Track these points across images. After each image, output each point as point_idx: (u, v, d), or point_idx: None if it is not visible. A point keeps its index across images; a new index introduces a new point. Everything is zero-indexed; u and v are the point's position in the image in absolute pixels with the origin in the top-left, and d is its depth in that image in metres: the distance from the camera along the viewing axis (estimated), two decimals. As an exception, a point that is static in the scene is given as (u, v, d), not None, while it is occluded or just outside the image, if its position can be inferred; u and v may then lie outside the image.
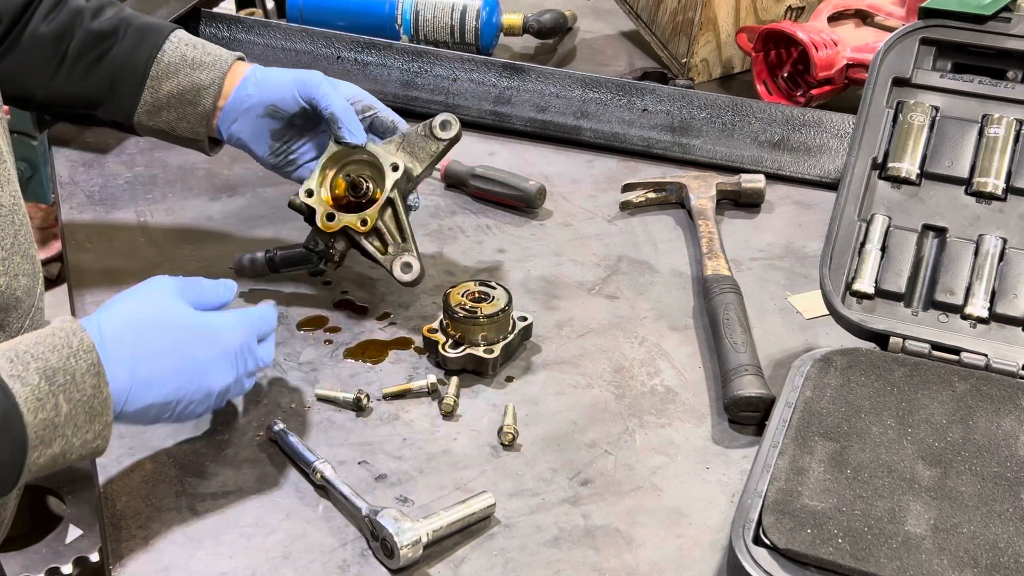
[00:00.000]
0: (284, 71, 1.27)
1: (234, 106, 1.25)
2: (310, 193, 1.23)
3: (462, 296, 1.20)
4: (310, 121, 1.27)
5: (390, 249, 1.22)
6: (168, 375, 0.96)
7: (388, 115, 1.27)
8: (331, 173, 1.24)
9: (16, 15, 1.23)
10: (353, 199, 1.23)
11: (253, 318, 1.04)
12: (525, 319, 1.22)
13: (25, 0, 1.24)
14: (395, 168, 1.22)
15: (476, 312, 1.17)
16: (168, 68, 1.24)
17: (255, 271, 1.29)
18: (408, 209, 1.26)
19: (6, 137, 1.07)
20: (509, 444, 1.09)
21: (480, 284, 1.22)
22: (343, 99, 1.24)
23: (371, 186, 1.23)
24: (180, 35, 1.27)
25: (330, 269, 1.27)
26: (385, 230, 1.22)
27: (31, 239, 1.07)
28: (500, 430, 1.10)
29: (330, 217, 1.22)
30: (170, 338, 0.97)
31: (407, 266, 1.21)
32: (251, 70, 1.26)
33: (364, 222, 1.21)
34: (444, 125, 1.24)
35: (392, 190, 1.21)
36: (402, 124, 1.27)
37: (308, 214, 1.24)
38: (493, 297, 1.20)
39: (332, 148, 1.24)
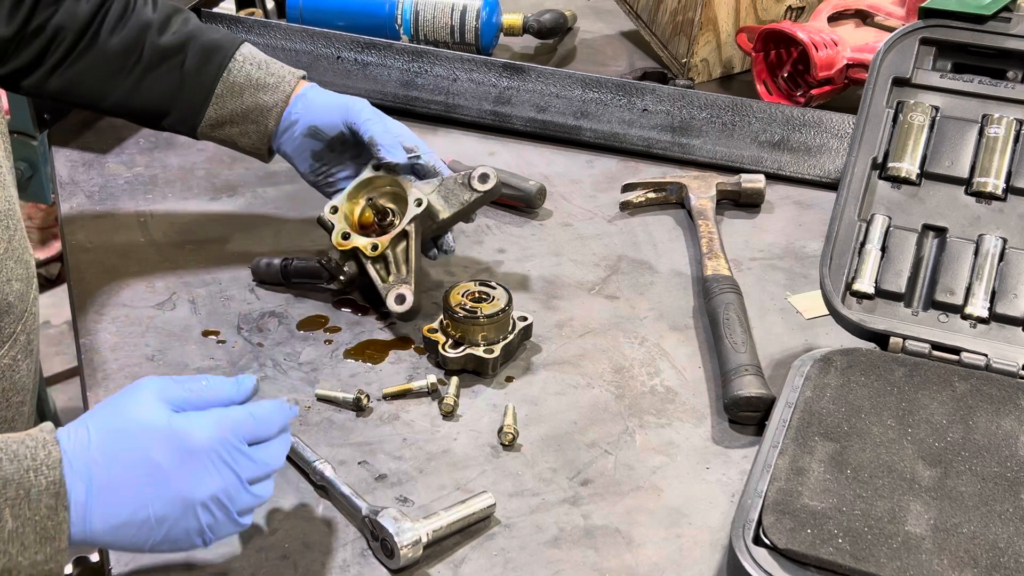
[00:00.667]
0: (336, 96, 1.29)
1: (282, 124, 1.28)
2: (335, 210, 1.25)
3: (462, 296, 1.20)
4: (350, 146, 1.29)
5: (391, 278, 1.22)
6: (130, 483, 0.82)
7: (431, 160, 1.27)
8: (362, 198, 1.27)
9: (82, 28, 1.24)
10: (378, 226, 1.25)
11: (238, 416, 0.87)
12: (525, 319, 1.22)
13: (90, 13, 1.25)
14: (419, 203, 1.23)
15: (476, 312, 1.17)
16: (233, 87, 1.27)
17: (270, 276, 1.30)
18: (443, 251, 1.29)
19: (4, 140, 1.07)
20: (509, 444, 1.09)
21: (480, 284, 1.22)
22: (385, 128, 1.26)
23: (394, 217, 1.24)
24: (246, 52, 1.29)
25: (336, 287, 1.27)
26: (392, 260, 1.23)
27: (26, 243, 1.07)
28: (500, 430, 1.10)
29: (345, 236, 1.24)
30: (128, 442, 0.83)
31: (401, 298, 1.21)
32: (304, 89, 1.29)
33: (375, 247, 1.22)
34: (483, 178, 1.25)
35: (410, 223, 1.22)
36: (444, 170, 1.28)
37: (330, 231, 1.26)
38: (493, 297, 1.20)
39: (367, 172, 1.26)
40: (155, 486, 0.82)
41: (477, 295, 1.20)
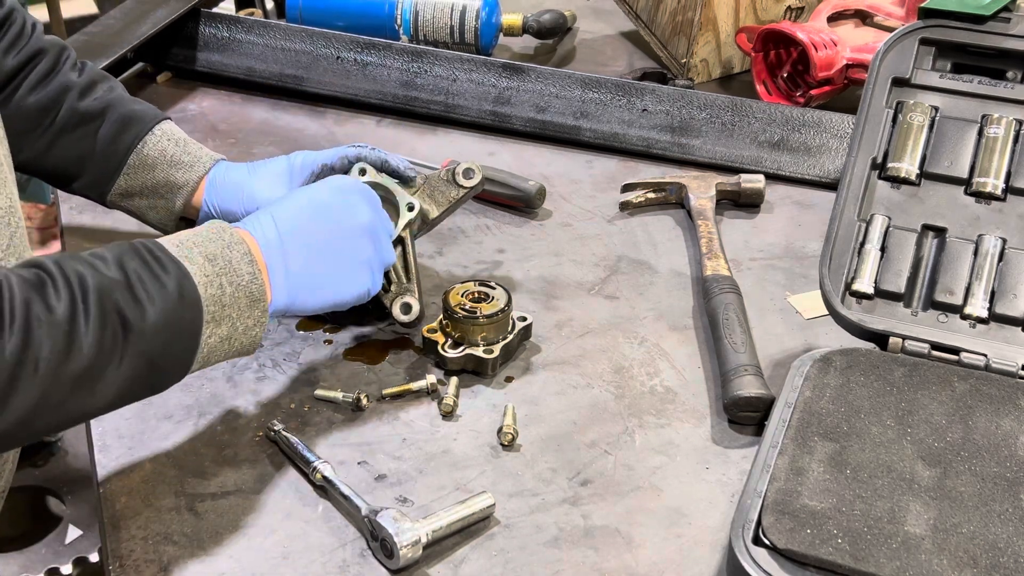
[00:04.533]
0: (249, 173, 1.26)
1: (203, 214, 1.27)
2: None
3: (462, 296, 1.20)
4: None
5: (392, 288, 1.21)
6: (321, 300, 1.07)
7: (396, 161, 1.25)
8: None
9: (2, 82, 1.24)
10: None
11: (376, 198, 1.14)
12: (525, 319, 1.22)
13: (14, 69, 1.24)
14: (411, 208, 1.22)
15: (476, 312, 1.17)
16: (147, 160, 1.26)
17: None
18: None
19: (4, 140, 1.07)
20: (509, 444, 1.09)
21: (480, 284, 1.22)
22: (345, 151, 1.25)
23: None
24: (165, 128, 1.28)
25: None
26: (391, 268, 1.21)
27: (26, 243, 1.07)
28: (500, 430, 1.10)
29: None
30: (324, 267, 1.07)
31: (407, 307, 1.19)
32: (209, 183, 1.26)
33: None
34: (467, 173, 1.25)
35: (404, 229, 1.21)
36: (408, 169, 1.26)
37: None
38: (493, 297, 1.20)
39: (355, 176, 1.23)
40: (332, 252, 1.07)
41: (477, 295, 1.20)
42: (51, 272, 0.87)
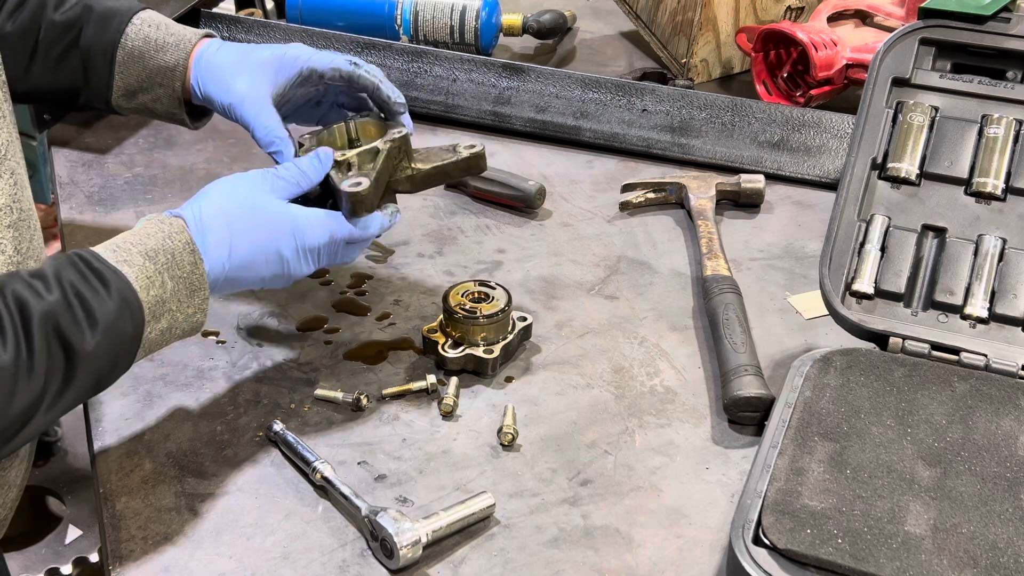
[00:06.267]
0: (240, 55, 1.22)
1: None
2: (302, 146, 1.19)
3: (462, 296, 1.20)
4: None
5: (350, 174, 1.14)
6: (259, 264, 1.05)
7: (387, 89, 1.21)
8: (333, 139, 1.20)
9: None
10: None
11: (344, 225, 1.09)
12: (525, 319, 1.22)
13: None
14: (400, 131, 1.16)
15: (476, 312, 1.17)
16: (133, 53, 1.23)
17: None
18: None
19: (18, 144, 1.08)
20: (509, 444, 1.09)
21: (480, 284, 1.22)
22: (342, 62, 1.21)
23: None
24: (144, 16, 1.25)
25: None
26: (362, 168, 1.14)
27: (42, 246, 1.08)
28: (500, 430, 1.10)
29: (301, 144, 1.18)
30: (262, 232, 1.04)
31: (356, 183, 1.11)
32: (202, 50, 1.23)
33: (342, 155, 1.13)
34: (469, 146, 1.20)
35: (387, 143, 1.15)
36: (398, 101, 1.21)
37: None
38: (493, 297, 1.20)
39: (351, 117, 1.21)
40: (278, 268, 1.06)
41: (477, 295, 1.20)
42: None
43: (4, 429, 0.87)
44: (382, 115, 1.22)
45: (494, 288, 1.21)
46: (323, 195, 1.14)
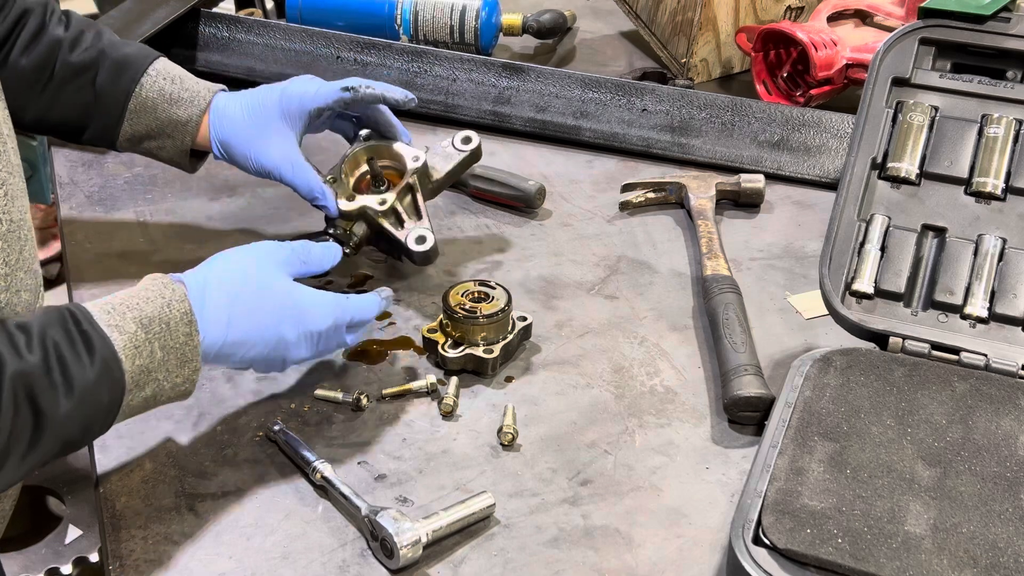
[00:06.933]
0: (258, 93, 1.29)
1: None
2: (334, 180, 1.28)
3: (462, 296, 1.20)
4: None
5: (406, 225, 1.26)
6: (257, 343, 1.03)
7: (392, 92, 1.29)
8: (357, 166, 1.30)
9: None
10: (371, 192, 1.28)
11: (350, 306, 1.09)
12: (525, 319, 1.22)
13: (3, 33, 1.25)
14: (416, 159, 1.28)
15: (476, 312, 1.17)
16: (146, 103, 1.27)
17: None
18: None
19: (15, 151, 1.07)
20: (509, 444, 1.09)
21: (480, 284, 1.22)
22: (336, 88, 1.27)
23: (390, 182, 1.29)
24: (159, 67, 1.28)
25: (349, 252, 1.28)
26: (403, 212, 1.27)
27: (35, 255, 1.07)
28: (500, 430, 1.10)
29: (349, 198, 1.26)
30: (264, 312, 1.03)
31: (421, 239, 1.25)
32: (214, 108, 1.28)
33: (383, 202, 1.26)
34: (465, 140, 1.33)
35: (412, 176, 1.27)
36: (407, 98, 1.29)
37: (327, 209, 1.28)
38: (493, 297, 1.20)
39: (357, 146, 1.30)
40: (275, 350, 1.04)
41: (477, 295, 1.20)
42: None
43: None
44: (380, 133, 1.32)
45: (494, 288, 1.21)
46: (375, 240, 1.30)
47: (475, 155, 1.34)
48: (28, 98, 1.26)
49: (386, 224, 1.26)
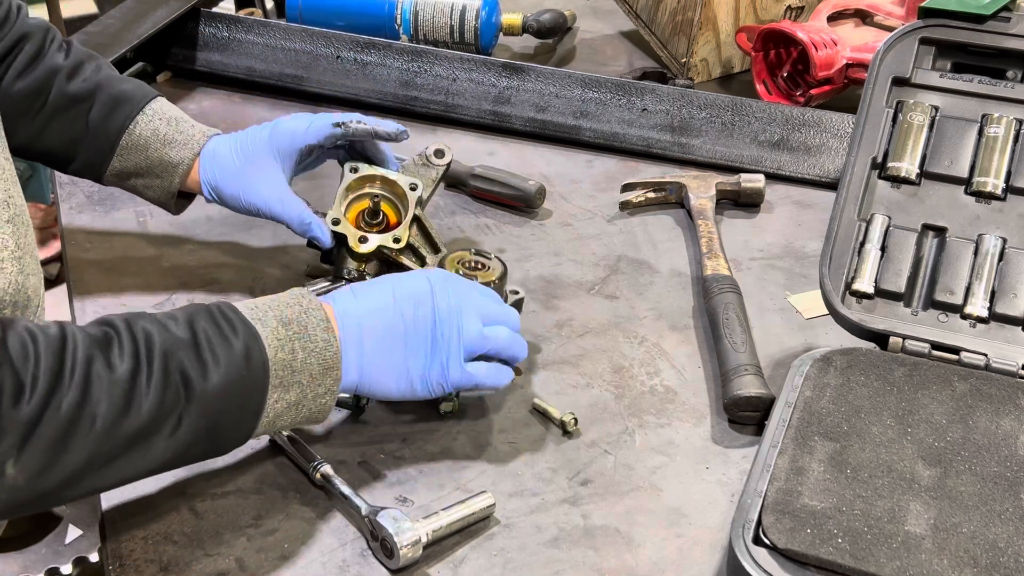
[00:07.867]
0: (250, 135, 1.27)
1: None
2: (336, 222, 1.23)
3: (458, 264, 1.20)
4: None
5: (428, 260, 1.23)
6: (390, 384, 1.01)
7: (384, 126, 1.26)
8: (356, 202, 1.25)
9: None
10: (368, 226, 1.24)
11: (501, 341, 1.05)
12: (517, 292, 1.21)
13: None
14: (414, 188, 1.24)
15: (471, 280, 1.16)
16: (138, 141, 1.25)
17: None
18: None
19: (3, 144, 1.07)
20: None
21: (476, 253, 1.21)
22: (322, 122, 1.25)
23: (386, 213, 1.25)
24: (156, 107, 1.27)
25: None
26: (418, 245, 1.24)
27: (35, 242, 1.08)
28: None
29: (363, 240, 1.22)
30: (399, 352, 1.01)
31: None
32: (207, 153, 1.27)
33: (397, 240, 1.22)
34: (438, 153, 1.30)
35: (416, 207, 1.23)
36: (399, 131, 1.26)
37: (337, 242, 1.23)
38: (488, 267, 1.19)
39: (346, 179, 1.25)
40: (406, 387, 1.02)
41: (472, 264, 1.20)
42: (118, 329, 0.87)
43: (111, 448, 0.84)
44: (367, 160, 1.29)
45: (490, 258, 1.21)
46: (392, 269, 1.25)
47: (450, 167, 1.31)
48: (18, 124, 1.24)
49: (406, 261, 1.23)
